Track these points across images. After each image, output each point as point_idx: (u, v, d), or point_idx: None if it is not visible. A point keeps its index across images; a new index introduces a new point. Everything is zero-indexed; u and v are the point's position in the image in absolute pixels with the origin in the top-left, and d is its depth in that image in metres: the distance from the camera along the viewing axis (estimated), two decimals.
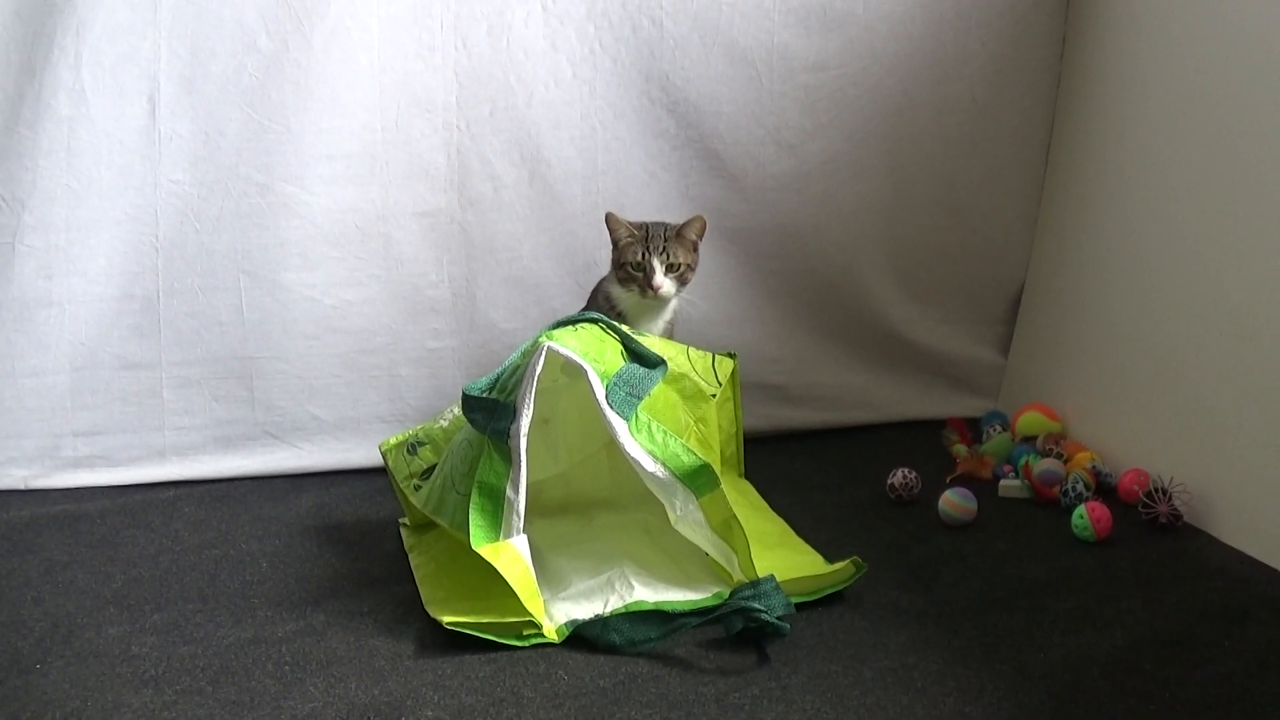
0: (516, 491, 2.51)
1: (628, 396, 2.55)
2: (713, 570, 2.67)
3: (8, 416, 3.29)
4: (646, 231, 3.05)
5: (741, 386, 3.07)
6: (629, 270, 3.05)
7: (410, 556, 2.84)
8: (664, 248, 3.03)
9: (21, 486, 3.30)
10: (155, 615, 2.59)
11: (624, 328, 2.75)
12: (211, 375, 3.37)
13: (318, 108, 3.31)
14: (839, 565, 2.62)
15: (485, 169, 3.44)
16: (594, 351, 2.60)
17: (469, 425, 2.65)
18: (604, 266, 3.21)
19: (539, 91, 3.44)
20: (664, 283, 3.03)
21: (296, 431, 3.41)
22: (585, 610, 2.52)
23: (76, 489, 3.30)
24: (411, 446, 2.91)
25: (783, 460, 3.45)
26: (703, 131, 3.54)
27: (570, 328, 2.69)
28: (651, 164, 3.55)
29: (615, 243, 3.09)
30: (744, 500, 3.00)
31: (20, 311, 3.25)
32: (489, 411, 2.58)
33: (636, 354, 2.66)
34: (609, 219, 3.08)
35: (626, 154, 3.52)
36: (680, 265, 3.06)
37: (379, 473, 3.04)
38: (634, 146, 3.53)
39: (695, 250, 3.11)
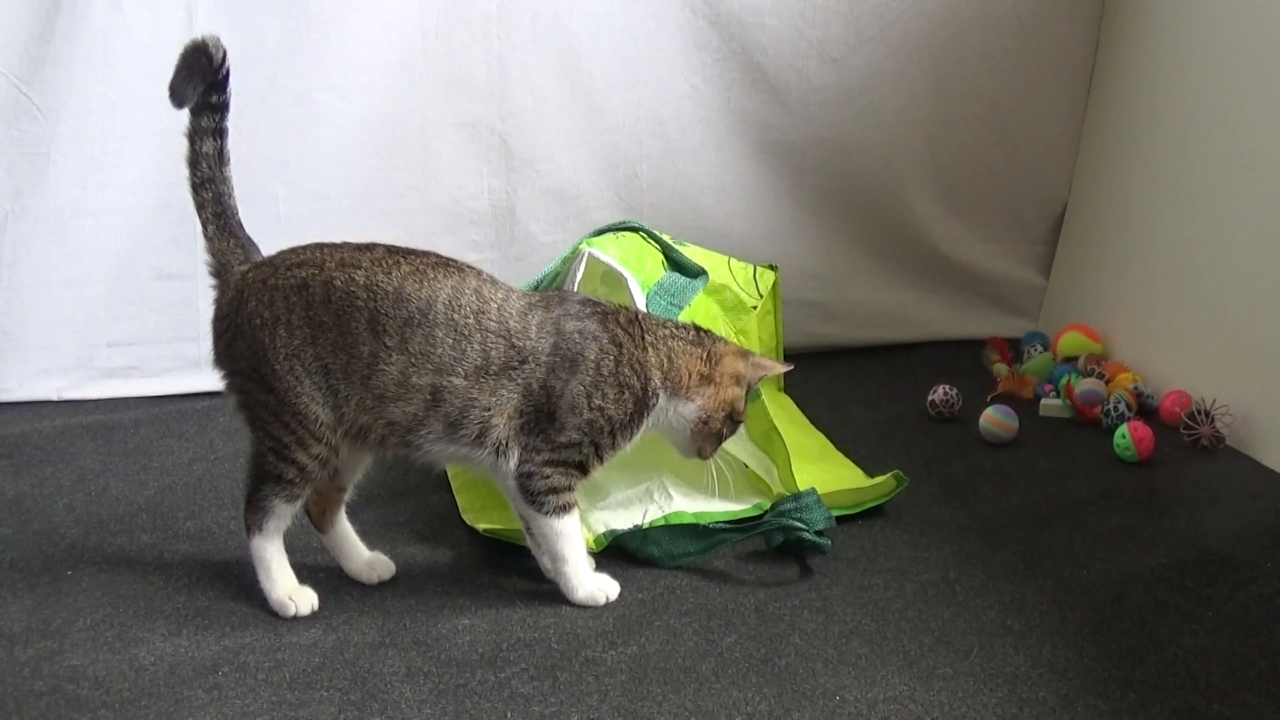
0: None
1: (669, 306, 2.53)
2: (752, 482, 2.66)
3: (42, 327, 3.30)
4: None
5: (781, 301, 3.05)
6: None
7: (447, 466, 2.82)
8: None
9: (55, 397, 3.31)
10: (189, 523, 2.60)
11: (665, 236, 2.72)
12: None
13: (356, 17, 3.29)
14: (880, 479, 2.61)
15: (526, 80, 3.42)
16: (634, 260, 2.58)
17: None
18: (645, 180, 3.17)
19: (580, 2, 3.40)
20: None
21: None
22: (624, 520, 2.51)
23: (110, 399, 3.32)
24: None
25: (822, 376, 3.43)
26: (746, 44, 3.50)
27: (611, 235, 2.68)
28: (693, 76, 3.52)
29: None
30: (784, 414, 2.98)
31: (55, 222, 3.25)
32: None
33: (677, 264, 2.64)
34: None
35: (668, 66, 3.49)
36: None
37: None
38: (676, 59, 3.49)
39: None
